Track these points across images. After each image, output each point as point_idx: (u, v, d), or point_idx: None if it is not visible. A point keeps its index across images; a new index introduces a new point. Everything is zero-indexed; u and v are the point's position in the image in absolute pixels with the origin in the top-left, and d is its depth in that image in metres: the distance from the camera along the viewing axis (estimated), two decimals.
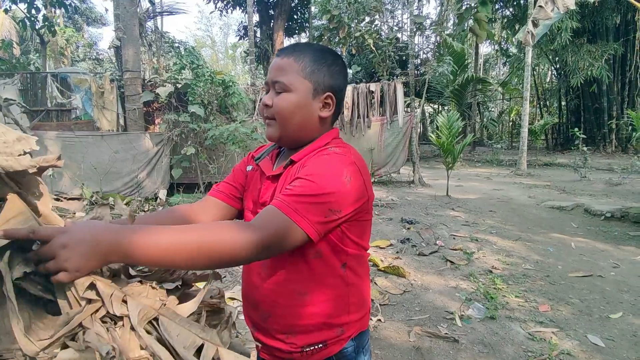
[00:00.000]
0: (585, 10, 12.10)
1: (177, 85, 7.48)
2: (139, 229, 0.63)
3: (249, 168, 1.03)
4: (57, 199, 6.22)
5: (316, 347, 0.88)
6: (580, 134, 9.81)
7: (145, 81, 7.66)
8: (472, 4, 12.48)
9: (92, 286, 0.59)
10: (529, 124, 11.08)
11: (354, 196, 0.81)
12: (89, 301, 0.57)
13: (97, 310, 0.57)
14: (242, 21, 19.67)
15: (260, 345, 0.92)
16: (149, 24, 8.79)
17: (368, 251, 0.96)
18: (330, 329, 0.88)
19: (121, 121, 7.77)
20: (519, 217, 5.58)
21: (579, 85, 12.99)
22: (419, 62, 15.16)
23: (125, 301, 0.59)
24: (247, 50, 20.31)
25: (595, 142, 13.88)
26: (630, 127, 11.75)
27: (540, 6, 6.04)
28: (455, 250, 4.10)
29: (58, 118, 7.84)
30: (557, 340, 2.43)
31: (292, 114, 0.89)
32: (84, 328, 0.57)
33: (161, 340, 0.57)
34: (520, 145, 10.33)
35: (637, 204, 5.90)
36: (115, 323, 0.58)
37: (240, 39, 20.04)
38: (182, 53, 7.41)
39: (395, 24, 17.65)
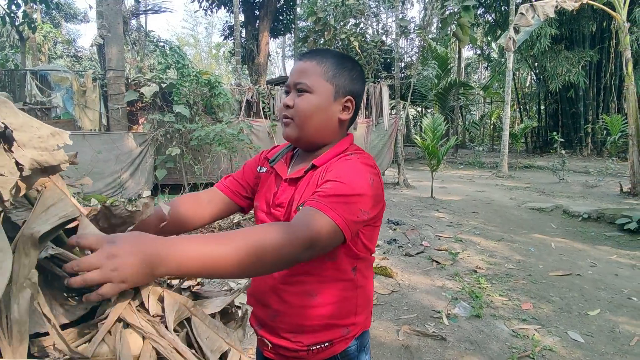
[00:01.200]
0: (563, 18, 12.51)
1: (162, 84, 7.39)
2: (187, 240, 0.60)
3: (263, 170, 1.05)
4: None
5: (322, 345, 0.90)
6: (558, 137, 10.12)
7: (129, 80, 7.53)
8: (456, 9, 12.74)
9: None
10: (510, 127, 11.37)
11: (376, 199, 0.85)
12: (122, 294, 0.58)
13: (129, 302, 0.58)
14: (227, 21, 19.53)
15: (267, 343, 0.93)
16: (133, 22, 8.65)
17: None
18: (337, 328, 0.91)
19: (104, 121, 7.62)
20: (501, 218, 5.73)
21: (557, 90, 13.40)
22: (402, 65, 15.39)
23: (161, 299, 0.60)
24: (233, 50, 20.19)
25: (572, 145, 14.33)
26: (605, 132, 12.20)
27: (522, 13, 6.24)
28: (441, 250, 4.18)
29: (37, 117, 7.63)
30: (540, 336, 2.52)
31: (313, 114, 0.91)
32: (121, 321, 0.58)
33: (188, 341, 0.58)
34: (501, 148, 10.58)
35: (612, 205, 6.13)
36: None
37: (225, 38, 19.87)
38: (167, 52, 7.32)
39: (381, 27, 17.82)
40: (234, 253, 0.62)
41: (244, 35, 16.68)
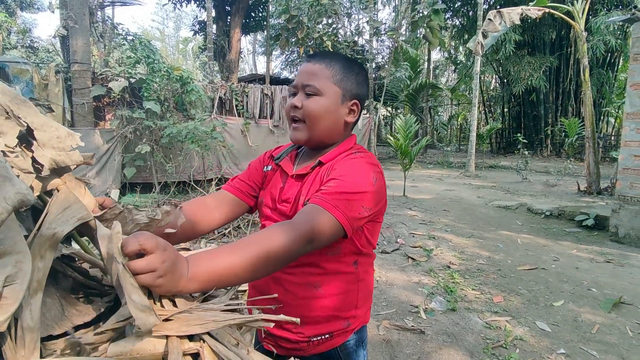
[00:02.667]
0: (526, 25, 13.12)
1: (131, 80, 7.14)
2: (200, 256, 0.63)
3: (269, 168, 1.06)
4: None
5: (323, 337, 0.93)
6: (522, 139, 10.62)
7: (96, 74, 7.22)
8: (426, 12, 13.08)
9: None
10: (476, 128, 11.81)
11: (378, 196, 0.88)
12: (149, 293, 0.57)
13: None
14: (197, 16, 19.08)
15: (266, 334, 0.95)
16: (99, 14, 8.29)
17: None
18: (338, 320, 0.94)
19: (68, 116, 7.27)
20: (470, 216, 5.96)
21: (520, 93, 14.05)
22: (374, 65, 15.64)
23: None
24: (203, 45, 19.73)
25: (534, 146, 15.07)
26: (563, 134, 12.91)
27: (490, 19, 6.50)
28: (415, 247, 4.30)
29: None
30: (511, 327, 2.66)
31: (322, 117, 0.94)
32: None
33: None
34: (469, 148, 10.98)
35: (571, 203, 6.52)
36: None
37: (194, 34, 19.41)
38: (137, 46, 7.07)
39: (354, 27, 17.99)
40: (247, 261, 0.67)
41: (214, 31, 16.36)
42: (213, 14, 15.94)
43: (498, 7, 13.09)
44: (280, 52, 23.48)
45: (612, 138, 14.35)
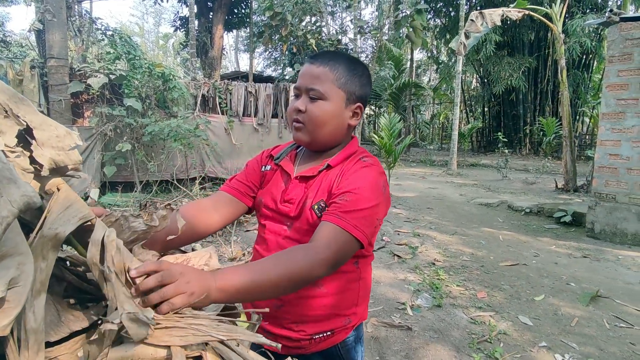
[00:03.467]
0: (506, 26, 13.41)
1: (111, 76, 6.96)
2: (230, 272, 0.68)
3: (267, 168, 1.05)
4: None
5: (324, 334, 0.93)
6: (502, 138, 10.86)
7: (74, 70, 7.01)
8: (409, 12, 13.21)
9: None
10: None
11: (387, 203, 0.91)
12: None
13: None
14: (178, 11, 18.73)
15: (267, 334, 0.94)
16: (77, 7, 8.04)
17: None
18: (339, 318, 0.95)
19: (44, 113, 7.04)
20: (453, 213, 6.07)
21: (500, 93, 14.36)
22: None
23: None
24: (185, 42, 19.39)
25: (513, 145, 15.44)
26: (541, 133, 13.27)
27: (472, 20, 6.62)
28: (401, 245, 4.35)
29: None
30: (495, 322, 2.72)
31: (326, 122, 0.93)
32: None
33: None
34: (451, 147, 11.16)
35: (549, 200, 6.71)
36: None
37: (175, 30, 19.06)
38: (117, 42, 6.90)
39: (339, 25, 18.02)
40: (273, 281, 0.71)
41: (196, 27, 16.11)
42: (195, 10, 15.72)
43: (479, 8, 13.34)
44: (263, 49, 23.33)
45: (587, 137, 14.83)
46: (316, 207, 0.91)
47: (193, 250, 0.91)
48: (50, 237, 0.53)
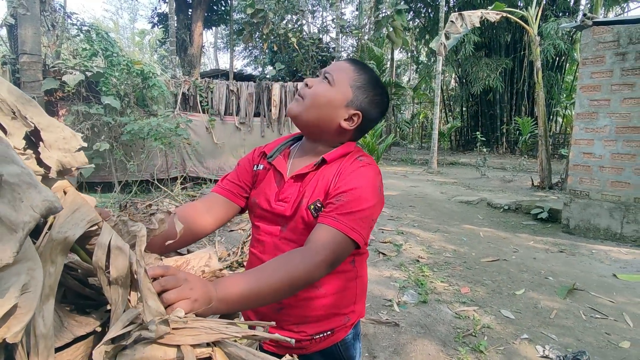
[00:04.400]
0: (483, 27, 13.72)
1: (87, 73, 6.76)
2: (229, 280, 0.69)
3: (260, 167, 1.04)
4: None
5: (325, 334, 0.94)
6: (481, 137, 11.12)
7: (48, 67, 6.77)
8: (389, 12, 13.35)
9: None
10: None
11: (382, 203, 0.92)
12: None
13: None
14: (156, 7, 18.33)
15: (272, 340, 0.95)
16: (50, 1, 7.74)
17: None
18: (338, 317, 0.96)
19: None
20: (435, 211, 6.18)
21: (478, 93, 14.69)
22: None
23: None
24: (163, 39, 18.97)
25: (490, 144, 15.82)
26: (517, 132, 13.66)
27: (452, 21, 6.74)
28: (385, 243, 4.41)
29: None
30: (479, 316, 2.80)
31: (320, 103, 0.94)
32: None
33: None
34: (431, 146, 11.34)
35: (526, 197, 6.92)
36: None
37: (153, 26, 18.64)
38: (94, 38, 6.70)
39: (320, 24, 18.02)
40: (273, 286, 0.72)
41: (175, 23, 15.81)
42: (174, 6, 15.42)
43: (457, 9, 13.60)
44: (243, 47, 23.09)
45: (561, 136, 15.36)
46: (312, 207, 0.91)
47: (189, 252, 0.91)
48: (60, 241, 0.52)
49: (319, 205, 0.91)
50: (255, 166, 1.05)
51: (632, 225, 4.49)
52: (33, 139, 0.55)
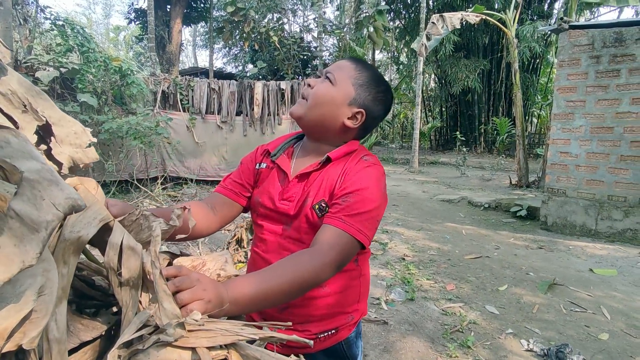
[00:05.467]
0: (462, 29, 13.99)
1: (62, 69, 6.52)
2: (239, 281, 0.68)
3: (263, 166, 1.03)
4: None
5: (329, 333, 0.94)
6: (460, 137, 11.33)
7: (20, 62, 6.50)
8: (370, 13, 13.43)
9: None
10: None
11: (386, 203, 0.92)
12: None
13: None
14: (133, 3, 17.86)
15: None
16: None
17: None
18: (342, 315, 0.95)
19: None
20: (418, 210, 6.27)
21: (457, 93, 14.97)
22: (317, 63, 15.76)
23: None
24: (140, 35, 18.51)
25: (469, 143, 16.16)
26: (495, 132, 14.00)
27: (433, 23, 6.85)
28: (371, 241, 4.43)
29: None
30: (465, 312, 2.85)
31: (322, 103, 0.93)
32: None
33: None
34: (413, 145, 11.50)
35: (505, 196, 7.11)
36: None
37: (129, 22, 18.18)
38: (69, 33, 6.47)
39: (302, 23, 17.97)
40: (282, 287, 0.71)
41: (153, 20, 15.45)
42: (152, 1, 15.06)
43: (436, 11, 13.83)
44: (222, 45, 22.77)
45: (536, 136, 15.84)
46: (317, 206, 0.90)
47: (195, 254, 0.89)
48: (73, 241, 0.50)
49: (323, 205, 0.90)
50: (258, 164, 1.04)
51: (606, 221, 4.68)
52: (41, 133, 0.52)
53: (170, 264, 0.75)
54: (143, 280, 0.60)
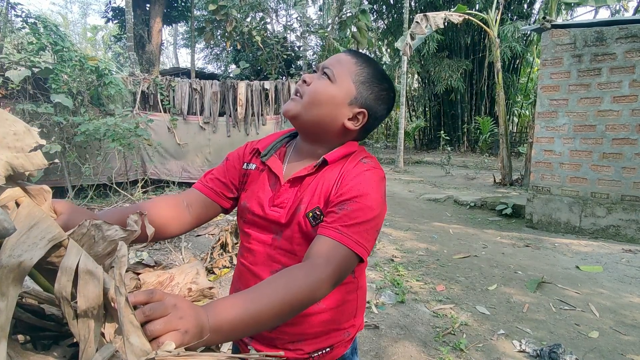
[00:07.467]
0: (445, 29, 14.12)
1: (34, 69, 6.25)
2: (223, 305, 0.58)
3: (251, 166, 0.92)
4: None
5: (323, 351, 0.86)
6: (445, 136, 11.42)
7: None
8: (354, 13, 13.41)
9: None
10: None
11: (386, 210, 0.84)
12: None
13: None
14: (110, 1, 17.40)
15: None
16: None
17: None
18: (338, 332, 0.87)
19: None
20: (405, 209, 6.24)
21: (440, 93, 15.10)
22: (301, 63, 15.66)
23: None
24: (119, 35, 18.06)
25: (452, 142, 16.34)
26: (477, 131, 14.18)
27: (417, 22, 6.84)
28: None
29: None
30: (456, 314, 2.81)
31: (321, 102, 0.84)
32: None
33: None
34: (398, 145, 11.53)
35: (490, 194, 7.16)
36: None
37: (107, 21, 17.70)
38: (42, 31, 6.20)
39: (286, 22, 17.83)
40: (274, 308, 0.62)
41: (132, 19, 15.08)
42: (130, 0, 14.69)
43: (419, 11, 13.91)
44: (204, 45, 22.43)
45: (517, 135, 16.12)
46: (311, 214, 0.82)
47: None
48: (12, 268, 0.40)
49: (318, 212, 0.81)
50: (246, 164, 0.94)
51: (590, 218, 4.73)
52: None
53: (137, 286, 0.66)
54: (106, 308, 0.50)
